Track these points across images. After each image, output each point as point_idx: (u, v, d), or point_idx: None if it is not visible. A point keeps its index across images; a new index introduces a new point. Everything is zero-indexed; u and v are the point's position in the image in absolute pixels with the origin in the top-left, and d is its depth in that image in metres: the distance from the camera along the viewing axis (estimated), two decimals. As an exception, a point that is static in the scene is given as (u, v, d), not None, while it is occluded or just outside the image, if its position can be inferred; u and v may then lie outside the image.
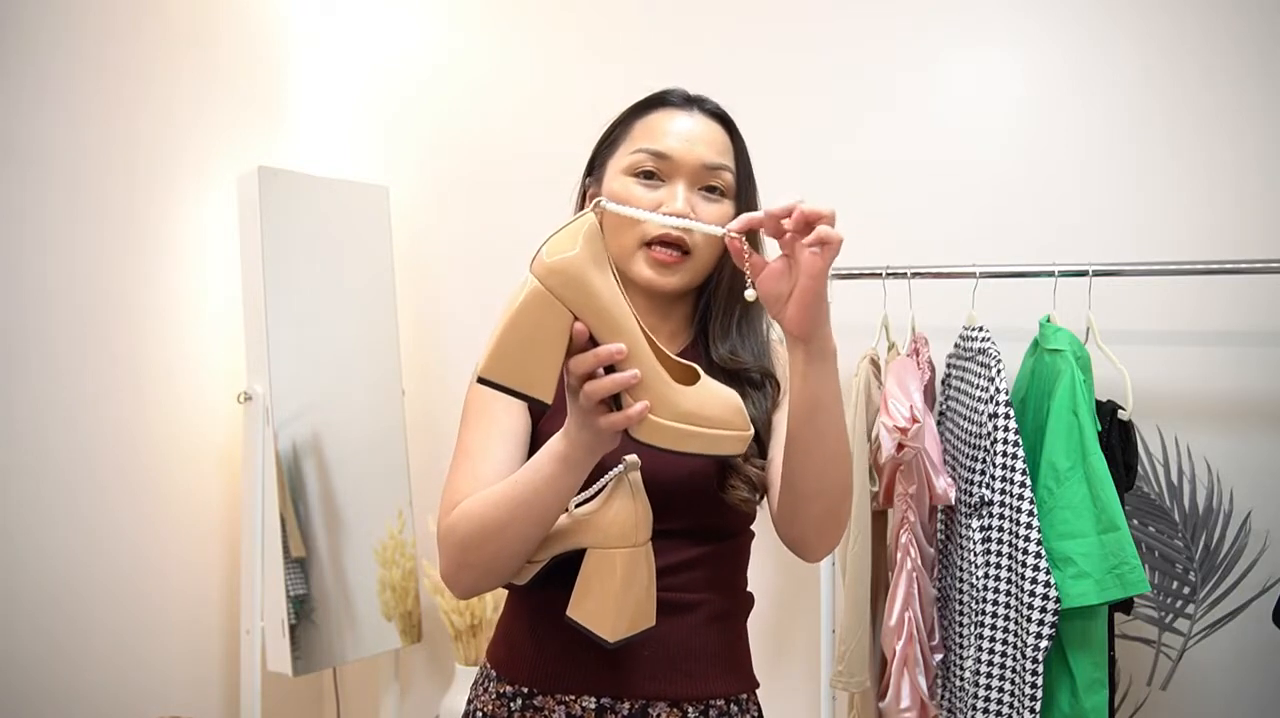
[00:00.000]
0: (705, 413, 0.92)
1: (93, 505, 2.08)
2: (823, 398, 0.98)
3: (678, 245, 1.10)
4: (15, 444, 1.94)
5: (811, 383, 0.97)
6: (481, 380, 0.91)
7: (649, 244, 1.10)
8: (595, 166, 1.20)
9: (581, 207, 1.22)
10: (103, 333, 2.12)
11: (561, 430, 0.98)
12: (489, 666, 1.17)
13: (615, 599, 0.99)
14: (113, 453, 2.13)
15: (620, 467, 1.01)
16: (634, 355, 0.90)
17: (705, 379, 0.96)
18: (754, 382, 1.14)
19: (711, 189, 1.13)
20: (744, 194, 1.16)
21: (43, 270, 2.00)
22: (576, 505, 1.04)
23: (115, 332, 2.14)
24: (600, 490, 1.02)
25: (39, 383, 1.98)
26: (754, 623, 1.21)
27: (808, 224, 0.91)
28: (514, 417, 1.12)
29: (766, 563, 1.20)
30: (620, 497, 1.00)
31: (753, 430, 0.96)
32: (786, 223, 0.91)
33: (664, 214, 1.09)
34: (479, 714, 1.14)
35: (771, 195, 1.23)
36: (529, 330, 0.90)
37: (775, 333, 1.23)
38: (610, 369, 0.91)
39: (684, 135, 1.13)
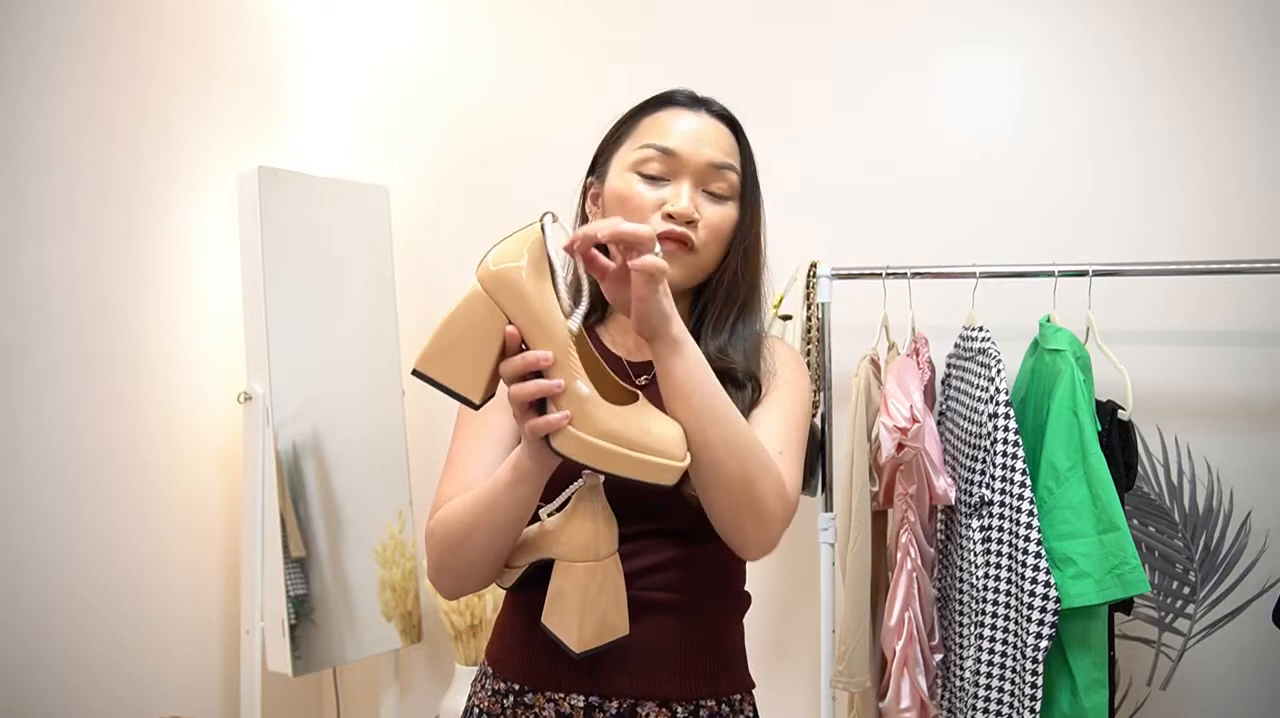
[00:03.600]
0: (631, 436, 0.92)
1: (93, 505, 2.08)
2: (684, 383, 0.97)
3: (682, 241, 1.10)
4: (15, 444, 1.93)
5: (672, 372, 0.97)
6: (414, 373, 0.95)
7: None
8: (599, 164, 1.20)
9: (582, 205, 1.22)
10: (103, 333, 2.11)
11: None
12: (487, 663, 1.18)
13: (578, 611, 1.00)
14: (113, 453, 2.12)
15: (580, 482, 1.01)
16: (559, 365, 0.92)
17: (643, 404, 0.96)
18: (737, 381, 1.13)
19: (715, 194, 1.13)
20: (749, 197, 1.16)
21: (43, 270, 1.99)
22: (549, 515, 1.05)
23: (115, 332, 2.14)
24: (566, 503, 1.04)
25: (39, 383, 1.98)
26: (754, 623, 1.21)
27: (628, 245, 0.92)
28: (503, 423, 1.12)
29: (767, 563, 1.20)
30: (580, 512, 1.01)
31: (688, 461, 0.95)
32: (603, 237, 0.92)
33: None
34: (476, 710, 1.16)
35: (772, 195, 1.23)
36: (462, 330, 0.94)
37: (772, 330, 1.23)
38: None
39: (691, 134, 1.12)
